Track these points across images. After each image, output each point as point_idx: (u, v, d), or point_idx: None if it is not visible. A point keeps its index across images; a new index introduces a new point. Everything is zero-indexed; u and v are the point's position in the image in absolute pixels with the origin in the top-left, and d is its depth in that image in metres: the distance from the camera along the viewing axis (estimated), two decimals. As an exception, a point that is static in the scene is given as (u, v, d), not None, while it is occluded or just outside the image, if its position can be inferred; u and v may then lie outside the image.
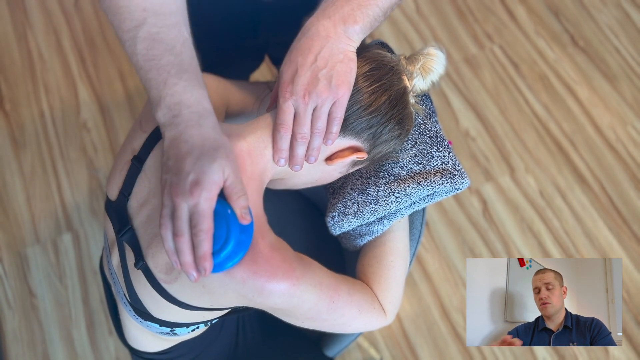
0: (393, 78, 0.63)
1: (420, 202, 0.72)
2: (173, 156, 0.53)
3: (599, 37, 1.80)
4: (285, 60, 0.60)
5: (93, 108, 1.63)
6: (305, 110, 0.58)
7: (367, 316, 0.68)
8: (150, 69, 0.55)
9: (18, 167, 1.55)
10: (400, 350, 1.38)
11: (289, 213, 0.98)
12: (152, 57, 0.56)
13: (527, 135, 1.64)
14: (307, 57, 0.58)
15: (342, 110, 0.59)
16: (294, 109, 0.59)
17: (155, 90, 0.55)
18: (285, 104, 0.58)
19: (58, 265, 1.43)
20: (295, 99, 0.57)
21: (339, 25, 0.59)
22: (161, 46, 0.56)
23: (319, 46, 0.58)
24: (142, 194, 0.65)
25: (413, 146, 0.71)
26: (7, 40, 1.72)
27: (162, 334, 0.72)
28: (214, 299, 0.60)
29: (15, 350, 1.35)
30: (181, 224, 0.51)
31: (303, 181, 0.69)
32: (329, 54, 0.58)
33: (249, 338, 0.90)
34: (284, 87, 0.58)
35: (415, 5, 1.84)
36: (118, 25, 0.57)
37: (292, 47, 0.60)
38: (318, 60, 0.57)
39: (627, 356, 1.38)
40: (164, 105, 0.54)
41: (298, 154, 0.61)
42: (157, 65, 0.55)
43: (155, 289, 0.62)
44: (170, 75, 0.55)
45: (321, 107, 0.58)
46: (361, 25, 0.59)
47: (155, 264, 0.61)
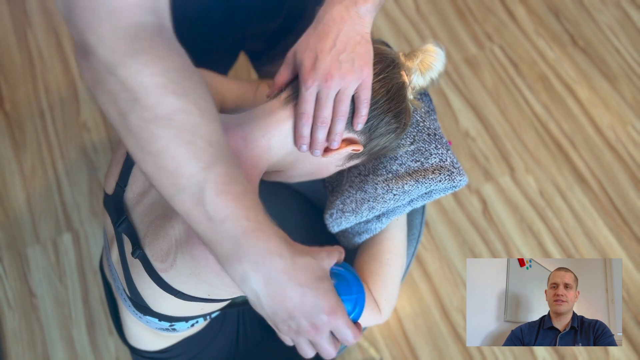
0: (393, 72, 0.64)
1: (419, 199, 0.72)
2: (285, 308, 0.49)
3: (599, 37, 1.80)
4: (300, 48, 0.60)
5: (93, 108, 1.63)
6: (327, 95, 0.58)
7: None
8: (225, 218, 0.46)
9: (18, 167, 1.55)
10: (400, 350, 1.38)
11: (288, 211, 0.98)
12: (227, 205, 0.46)
13: (527, 135, 1.64)
14: (326, 42, 0.58)
15: (369, 91, 0.60)
16: (315, 96, 0.59)
17: (233, 242, 0.47)
18: (308, 92, 0.58)
19: (58, 265, 1.43)
20: (319, 84, 0.57)
21: (352, 8, 0.59)
22: (239, 186, 0.48)
23: (336, 30, 0.58)
24: (138, 184, 0.66)
25: (411, 143, 0.71)
26: (7, 40, 1.72)
27: (162, 330, 0.72)
28: (210, 288, 0.59)
29: (15, 350, 1.35)
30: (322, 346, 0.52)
31: (299, 174, 0.69)
32: (347, 37, 0.58)
33: (249, 337, 0.90)
34: (306, 74, 0.58)
35: (415, 5, 1.84)
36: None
37: (307, 34, 0.60)
38: (337, 44, 0.58)
39: (627, 356, 1.38)
40: (246, 259, 0.47)
41: (319, 138, 0.61)
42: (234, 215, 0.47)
43: (153, 279, 0.62)
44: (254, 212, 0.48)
45: (345, 90, 0.58)
46: (372, 3, 0.60)
47: (152, 252, 0.61)
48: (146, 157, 0.45)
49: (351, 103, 0.61)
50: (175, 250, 0.58)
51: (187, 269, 0.58)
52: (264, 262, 0.47)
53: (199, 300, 0.63)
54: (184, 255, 0.57)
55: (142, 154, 0.45)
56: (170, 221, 0.59)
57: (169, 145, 0.44)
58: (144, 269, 0.62)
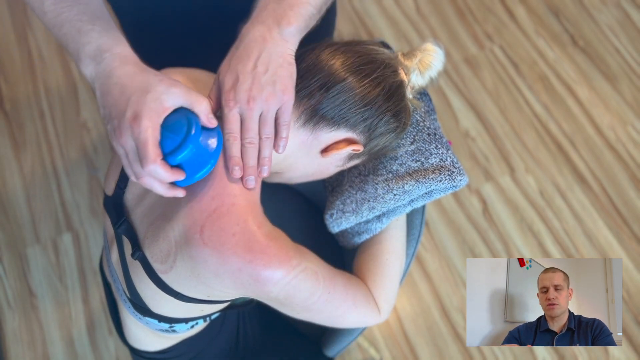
0: (385, 72, 0.63)
1: (419, 199, 0.72)
2: (108, 104, 0.54)
3: (599, 37, 1.80)
4: (222, 69, 0.58)
5: (93, 108, 1.63)
6: (251, 117, 0.57)
7: (361, 311, 0.68)
8: (62, 23, 0.56)
9: (18, 167, 1.55)
10: (400, 350, 1.38)
11: (288, 212, 0.98)
12: (62, 11, 0.56)
13: (527, 135, 1.64)
14: (247, 64, 0.56)
15: (289, 115, 0.59)
16: (238, 117, 0.57)
17: (72, 44, 0.55)
18: (231, 113, 0.57)
19: (58, 265, 1.43)
20: (240, 106, 0.56)
21: (274, 29, 0.58)
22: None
23: (257, 52, 0.57)
24: (138, 185, 0.66)
25: (411, 143, 0.71)
26: (7, 40, 1.72)
27: (162, 331, 0.72)
28: (209, 289, 0.60)
29: (15, 350, 1.35)
30: (131, 163, 0.54)
31: (299, 175, 0.69)
32: (268, 59, 0.57)
33: (249, 338, 0.90)
34: (226, 96, 0.57)
35: (415, 5, 1.84)
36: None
37: (229, 55, 0.59)
38: (258, 66, 0.56)
39: (627, 356, 1.38)
40: (84, 56, 0.55)
41: (249, 162, 0.59)
42: (68, 18, 0.55)
43: (152, 280, 0.62)
44: (83, 23, 0.55)
45: (267, 113, 0.57)
46: (295, 26, 0.59)
47: (152, 253, 0.61)
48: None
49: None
50: (175, 251, 0.58)
51: (186, 270, 0.58)
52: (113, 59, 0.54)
53: (198, 301, 0.63)
54: (184, 256, 0.57)
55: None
56: (170, 222, 0.59)
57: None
58: (143, 270, 0.62)
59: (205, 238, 0.55)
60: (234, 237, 0.55)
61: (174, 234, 0.58)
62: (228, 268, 0.55)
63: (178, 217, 0.58)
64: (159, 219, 0.61)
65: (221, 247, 0.55)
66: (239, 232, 0.55)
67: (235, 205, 0.57)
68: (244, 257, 0.55)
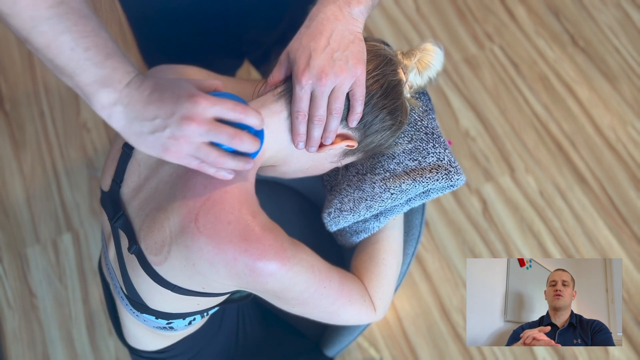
0: (387, 69, 0.64)
1: (416, 198, 0.72)
2: (151, 111, 0.51)
3: (599, 37, 1.80)
4: (293, 47, 0.60)
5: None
6: (322, 93, 0.58)
7: (357, 307, 0.68)
8: (88, 46, 0.50)
9: (18, 167, 1.55)
10: (400, 350, 1.38)
11: (287, 212, 0.98)
12: (87, 34, 0.51)
13: (527, 135, 1.64)
14: (320, 40, 0.58)
15: (364, 89, 0.60)
16: (310, 94, 0.59)
17: (96, 69, 0.51)
18: (302, 90, 0.58)
19: (58, 265, 1.43)
20: (313, 82, 0.57)
21: (345, 8, 0.60)
22: (92, 22, 0.52)
23: (329, 29, 0.59)
24: (134, 179, 0.66)
25: (409, 142, 0.71)
26: (7, 40, 1.72)
27: (160, 329, 0.72)
28: (205, 280, 0.60)
29: (15, 350, 1.35)
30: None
31: (293, 169, 0.69)
32: (341, 36, 0.59)
33: (249, 337, 0.90)
34: (299, 73, 0.58)
35: (415, 5, 1.84)
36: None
37: (300, 33, 0.61)
38: (331, 42, 0.58)
39: (627, 356, 1.38)
40: (115, 80, 0.51)
41: (314, 136, 0.61)
42: (95, 43, 0.51)
43: (148, 273, 0.62)
44: (111, 50, 0.52)
45: (340, 88, 0.58)
46: (365, 5, 0.61)
47: (146, 245, 0.61)
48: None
49: (346, 100, 0.61)
50: (169, 242, 0.58)
51: (181, 260, 0.58)
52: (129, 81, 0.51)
53: (194, 294, 0.63)
54: (179, 246, 0.57)
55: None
56: (165, 213, 0.59)
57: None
58: (139, 264, 0.62)
59: (200, 226, 0.55)
60: (229, 226, 0.55)
61: (169, 224, 0.58)
62: (223, 257, 0.56)
63: (173, 207, 0.58)
64: (154, 210, 0.61)
65: (216, 236, 0.55)
66: (234, 220, 0.56)
67: (228, 192, 0.57)
68: (239, 246, 0.55)
